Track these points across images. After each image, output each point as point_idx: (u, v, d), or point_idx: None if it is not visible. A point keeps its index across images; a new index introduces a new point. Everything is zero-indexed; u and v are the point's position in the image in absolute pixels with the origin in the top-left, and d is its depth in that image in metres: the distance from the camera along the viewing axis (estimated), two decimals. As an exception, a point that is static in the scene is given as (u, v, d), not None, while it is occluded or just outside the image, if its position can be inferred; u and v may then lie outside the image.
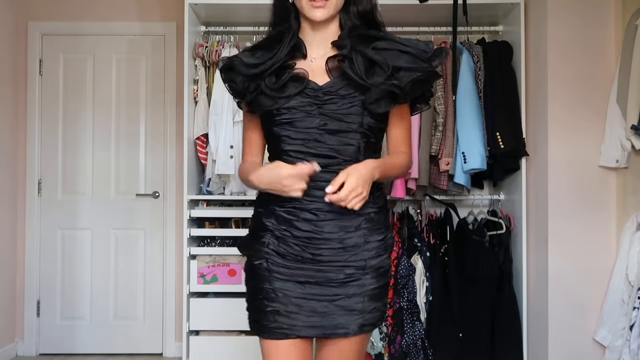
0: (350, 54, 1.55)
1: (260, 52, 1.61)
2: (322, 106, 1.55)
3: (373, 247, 1.59)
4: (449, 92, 3.28)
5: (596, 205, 2.93)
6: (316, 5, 1.55)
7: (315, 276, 1.56)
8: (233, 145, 3.33)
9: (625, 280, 2.74)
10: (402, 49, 1.56)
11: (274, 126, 1.58)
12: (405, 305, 3.18)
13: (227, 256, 3.35)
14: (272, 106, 1.56)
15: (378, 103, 1.54)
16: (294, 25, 1.62)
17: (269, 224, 1.60)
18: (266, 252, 1.59)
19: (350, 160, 1.55)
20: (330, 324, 1.56)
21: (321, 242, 1.56)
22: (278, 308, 1.56)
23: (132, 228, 3.90)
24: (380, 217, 1.63)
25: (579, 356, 2.91)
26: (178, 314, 3.81)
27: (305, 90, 1.56)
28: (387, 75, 1.52)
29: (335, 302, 1.56)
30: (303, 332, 1.57)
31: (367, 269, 1.57)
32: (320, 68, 1.59)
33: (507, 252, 3.31)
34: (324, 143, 1.55)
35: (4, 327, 3.75)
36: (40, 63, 3.91)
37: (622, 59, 2.75)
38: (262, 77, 1.56)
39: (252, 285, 1.63)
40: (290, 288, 1.57)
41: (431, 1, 3.21)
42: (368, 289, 1.57)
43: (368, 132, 1.58)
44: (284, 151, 1.57)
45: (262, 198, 1.66)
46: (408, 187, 3.31)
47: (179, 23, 3.74)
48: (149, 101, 3.92)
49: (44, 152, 3.91)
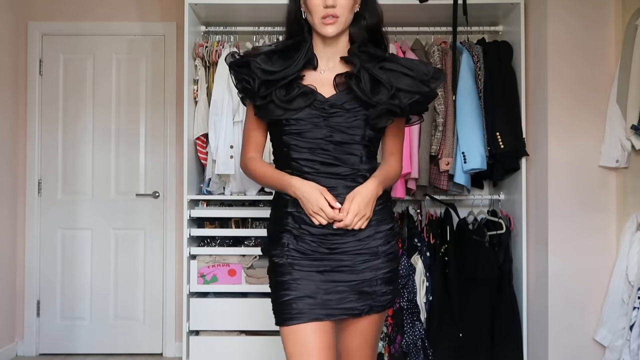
0: (358, 72, 1.69)
1: (276, 57, 1.73)
2: (328, 118, 1.69)
3: (382, 235, 1.75)
4: (449, 92, 3.28)
5: (596, 206, 2.93)
6: (327, 22, 1.68)
7: (333, 265, 1.71)
8: (233, 145, 3.33)
9: (625, 280, 2.74)
10: (405, 72, 1.70)
11: (283, 135, 1.72)
12: (405, 305, 3.18)
13: (227, 256, 3.35)
14: (281, 116, 1.70)
15: (379, 119, 1.69)
16: (309, 38, 1.75)
17: (286, 223, 1.74)
18: (287, 250, 1.72)
19: (353, 166, 1.71)
20: (346, 307, 1.71)
21: (336, 237, 1.70)
22: (299, 295, 1.69)
23: (132, 228, 3.90)
24: (386, 210, 1.79)
25: (579, 356, 2.91)
26: (178, 314, 3.81)
27: (314, 103, 1.69)
28: (390, 94, 1.67)
29: (351, 287, 1.71)
30: (323, 316, 1.68)
31: (379, 254, 1.73)
32: (328, 80, 1.73)
33: (507, 252, 3.31)
34: (329, 152, 1.70)
35: (4, 327, 3.76)
36: (40, 63, 3.91)
37: (622, 59, 2.75)
38: (274, 85, 1.69)
39: (275, 280, 1.75)
40: (310, 277, 1.70)
41: (431, 1, 3.21)
42: (380, 273, 1.73)
43: (368, 144, 1.73)
44: (293, 159, 1.72)
45: (278, 201, 1.80)
46: (408, 187, 3.31)
47: (179, 23, 3.75)
48: (149, 101, 3.92)
49: (44, 152, 3.91)
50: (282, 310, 1.70)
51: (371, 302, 1.73)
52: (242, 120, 3.37)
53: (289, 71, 1.69)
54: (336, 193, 1.69)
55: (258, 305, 3.31)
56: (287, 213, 1.74)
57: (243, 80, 1.73)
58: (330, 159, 1.70)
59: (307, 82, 1.72)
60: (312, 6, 1.68)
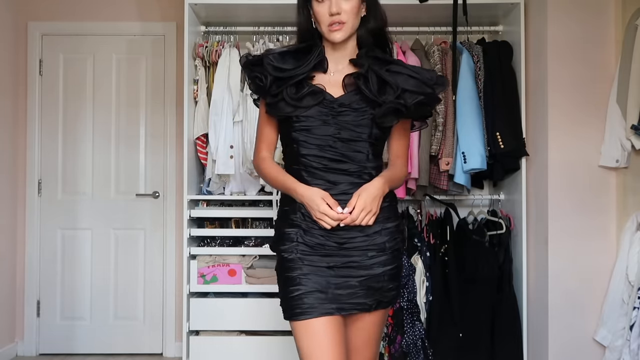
0: (367, 73, 1.76)
1: (289, 57, 1.80)
2: (337, 117, 1.76)
3: (389, 232, 1.80)
4: (449, 92, 3.28)
5: (596, 205, 2.93)
6: (334, 29, 1.76)
7: (342, 261, 1.76)
8: (233, 145, 3.33)
9: (625, 280, 2.74)
10: (411, 74, 1.77)
11: (292, 131, 1.78)
12: (405, 305, 3.18)
13: (227, 256, 3.35)
14: (291, 113, 1.76)
15: (385, 118, 1.76)
16: (319, 43, 1.83)
17: (295, 219, 1.79)
18: (296, 245, 1.77)
19: (360, 163, 1.77)
20: (355, 302, 1.76)
21: (344, 232, 1.75)
22: (310, 290, 1.73)
23: (132, 228, 3.90)
24: (392, 208, 1.85)
25: (579, 356, 2.91)
26: (178, 314, 3.81)
27: (323, 102, 1.76)
28: (396, 95, 1.73)
29: (360, 282, 1.76)
30: (334, 310, 1.73)
31: (386, 250, 1.79)
32: (337, 81, 1.80)
33: (507, 252, 3.31)
34: (337, 149, 1.76)
35: (4, 327, 3.76)
36: (40, 63, 3.91)
37: (622, 58, 2.75)
38: (285, 84, 1.76)
39: (285, 276, 1.79)
40: (320, 272, 1.75)
41: (431, 1, 3.21)
42: (387, 269, 1.79)
43: (375, 142, 1.80)
44: (302, 155, 1.78)
45: (287, 198, 1.84)
46: (408, 187, 3.31)
47: (179, 23, 3.75)
48: (149, 101, 3.92)
49: (44, 152, 3.91)
50: (293, 305, 1.73)
51: (379, 298, 1.79)
52: (242, 120, 3.37)
53: (299, 70, 1.76)
54: (342, 189, 1.75)
55: (258, 305, 3.32)
56: (295, 209, 1.79)
57: (255, 78, 1.79)
58: (337, 156, 1.75)
59: (317, 82, 1.79)
60: (319, 16, 1.77)
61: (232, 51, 3.40)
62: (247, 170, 3.37)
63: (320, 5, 1.76)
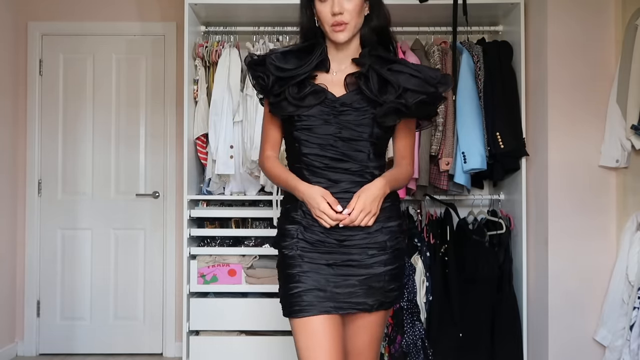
0: (367, 73, 1.75)
1: (291, 56, 1.80)
2: (338, 116, 1.76)
3: (390, 231, 1.80)
4: (448, 92, 3.28)
5: (596, 205, 2.93)
6: (337, 30, 1.75)
7: (342, 259, 1.76)
8: (233, 145, 3.33)
9: (625, 280, 2.74)
10: (413, 73, 1.75)
11: (294, 130, 1.78)
12: (405, 305, 3.18)
13: (227, 256, 3.35)
14: (293, 112, 1.76)
15: (386, 117, 1.75)
16: (322, 43, 1.83)
17: (296, 216, 1.79)
18: (296, 241, 1.78)
19: (361, 163, 1.76)
20: (355, 301, 1.76)
21: (344, 229, 1.74)
22: (309, 287, 1.74)
23: (132, 228, 3.90)
24: (394, 208, 1.85)
25: (579, 356, 2.91)
26: (178, 314, 3.81)
27: (325, 101, 1.76)
28: (397, 94, 1.72)
29: (360, 281, 1.76)
30: (332, 309, 1.73)
31: (387, 249, 1.79)
32: (339, 81, 1.80)
33: (507, 252, 3.31)
34: (338, 149, 1.76)
35: (4, 327, 3.76)
36: (40, 63, 3.91)
37: (622, 58, 2.75)
38: (287, 83, 1.76)
39: (285, 273, 1.79)
40: (319, 270, 1.75)
41: (431, 1, 3.21)
42: (388, 269, 1.78)
43: (376, 142, 1.78)
44: (303, 154, 1.78)
45: (288, 196, 1.86)
46: (408, 187, 3.31)
47: (179, 23, 3.75)
48: (149, 101, 3.92)
49: (44, 151, 3.91)
50: (292, 303, 1.74)
51: (381, 298, 1.78)
52: (242, 120, 3.37)
53: (301, 70, 1.77)
54: (344, 188, 1.75)
55: (258, 305, 3.32)
56: (296, 207, 1.80)
57: (259, 78, 1.80)
58: (338, 155, 1.76)
59: (319, 82, 1.79)
60: (322, 15, 1.77)
61: (232, 51, 3.40)
62: (247, 170, 3.37)
63: (323, 5, 1.75)
